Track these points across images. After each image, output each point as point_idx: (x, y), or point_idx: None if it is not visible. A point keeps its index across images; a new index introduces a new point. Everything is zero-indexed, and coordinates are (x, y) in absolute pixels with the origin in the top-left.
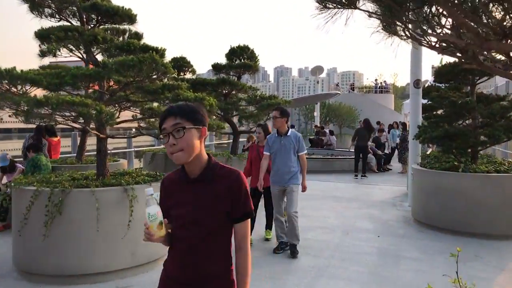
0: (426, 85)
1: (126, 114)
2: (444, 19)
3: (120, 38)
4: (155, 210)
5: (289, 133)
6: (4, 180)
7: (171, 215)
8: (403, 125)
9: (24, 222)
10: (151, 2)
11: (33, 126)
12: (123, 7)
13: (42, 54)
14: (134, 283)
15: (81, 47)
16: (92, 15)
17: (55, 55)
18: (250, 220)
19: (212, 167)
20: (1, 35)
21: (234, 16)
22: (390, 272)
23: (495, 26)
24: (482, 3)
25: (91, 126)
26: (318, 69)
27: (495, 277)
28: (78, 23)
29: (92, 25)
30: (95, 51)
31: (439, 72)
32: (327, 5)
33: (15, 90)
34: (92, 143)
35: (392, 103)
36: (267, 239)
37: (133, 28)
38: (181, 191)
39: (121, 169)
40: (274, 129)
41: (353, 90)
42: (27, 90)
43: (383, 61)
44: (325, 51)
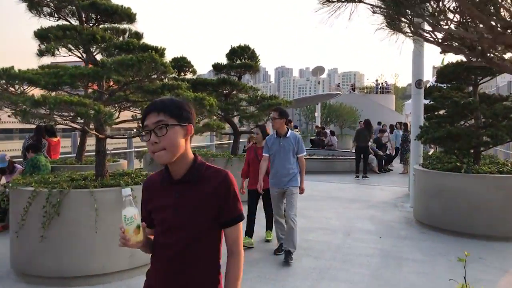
0: (427, 86)
1: (126, 114)
2: (451, 14)
3: (120, 38)
4: (132, 213)
5: (289, 134)
6: (3, 181)
7: (154, 220)
8: (405, 126)
9: (22, 223)
10: (151, 2)
11: (34, 127)
12: (122, 6)
13: (41, 54)
14: (132, 285)
15: (80, 47)
16: (91, 14)
17: (54, 55)
18: (250, 223)
19: (198, 167)
20: (1, 35)
21: (234, 16)
22: (393, 274)
23: (510, 19)
24: None
25: (90, 126)
26: (319, 70)
27: (498, 279)
28: (77, 22)
29: (91, 24)
30: (94, 51)
31: (442, 72)
32: None
33: (13, 90)
34: (92, 144)
35: (393, 104)
36: (268, 241)
37: (133, 28)
38: (164, 193)
39: (121, 170)
40: (274, 130)
41: (354, 91)
42: (25, 90)
43: (384, 62)
44: (326, 52)
